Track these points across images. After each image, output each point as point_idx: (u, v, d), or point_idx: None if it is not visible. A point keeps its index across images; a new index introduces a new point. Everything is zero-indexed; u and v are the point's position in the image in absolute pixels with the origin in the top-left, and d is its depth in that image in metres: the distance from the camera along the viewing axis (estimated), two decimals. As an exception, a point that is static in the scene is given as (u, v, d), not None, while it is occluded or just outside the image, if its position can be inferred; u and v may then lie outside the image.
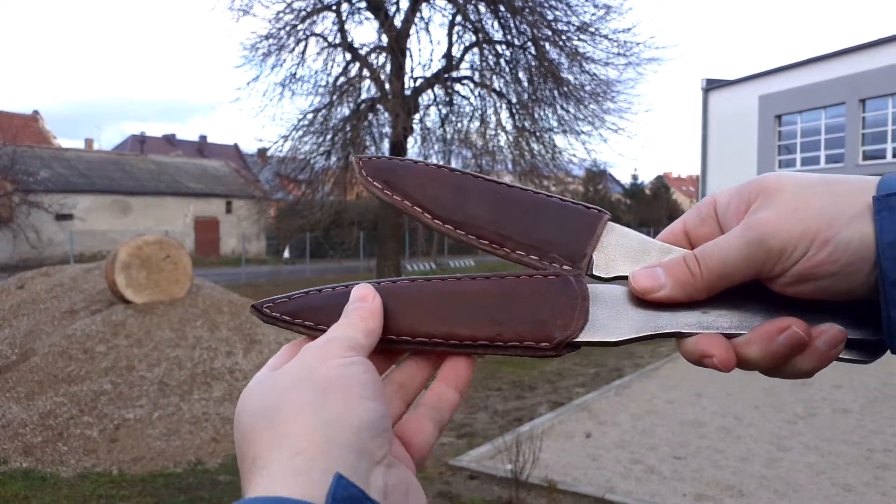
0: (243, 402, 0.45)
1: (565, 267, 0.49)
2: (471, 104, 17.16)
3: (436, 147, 17.03)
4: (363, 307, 0.48)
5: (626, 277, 0.48)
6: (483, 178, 0.52)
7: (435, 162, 0.53)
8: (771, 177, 0.47)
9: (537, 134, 16.62)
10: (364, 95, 16.77)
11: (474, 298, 0.48)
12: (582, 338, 0.47)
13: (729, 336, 0.47)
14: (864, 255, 0.43)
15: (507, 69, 16.50)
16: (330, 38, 16.47)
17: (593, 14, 15.38)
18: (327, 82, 16.48)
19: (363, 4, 16.34)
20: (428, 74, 16.77)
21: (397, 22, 16.15)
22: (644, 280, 0.47)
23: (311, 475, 0.37)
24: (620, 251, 0.49)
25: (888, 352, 0.48)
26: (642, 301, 0.47)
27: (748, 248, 0.45)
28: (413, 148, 17.29)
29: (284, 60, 16.28)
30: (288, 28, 15.80)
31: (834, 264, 0.43)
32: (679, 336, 0.48)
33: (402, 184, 0.52)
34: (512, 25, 15.82)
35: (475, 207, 0.51)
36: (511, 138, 16.79)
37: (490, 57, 16.62)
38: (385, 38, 16.14)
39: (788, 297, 0.46)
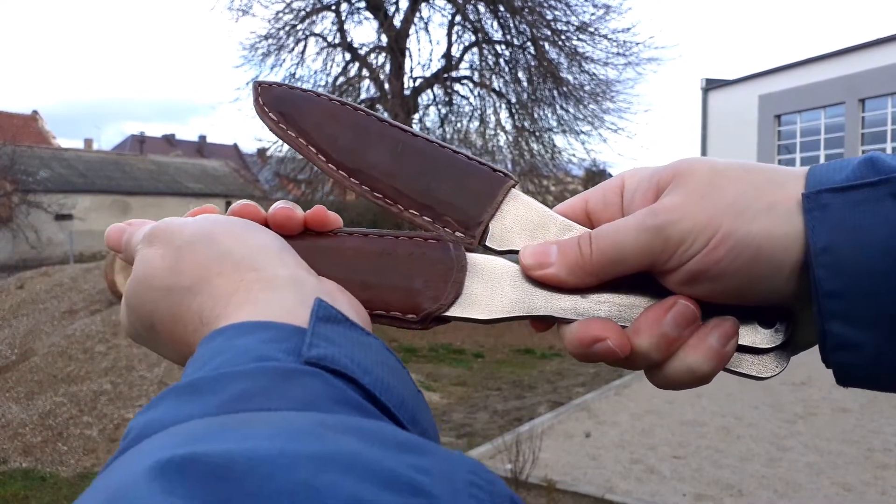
0: (192, 243, 0.41)
1: (458, 234, 0.45)
2: (470, 104, 17.17)
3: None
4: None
5: (518, 252, 0.45)
6: (389, 122, 0.48)
7: (342, 98, 0.48)
8: (686, 161, 0.43)
9: (537, 134, 16.62)
10: (363, 95, 16.77)
11: (349, 257, 0.44)
12: (451, 312, 0.44)
13: None
14: (777, 257, 0.38)
15: (507, 69, 16.50)
16: (329, 38, 16.47)
17: (593, 14, 15.39)
18: (327, 82, 16.48)
19: (362, 4, 16.35)
20: (427, 74, 16.78)
21: (397, 22, 16.16)
22: (532, 256, 0.43)
23: (283, 294, 0.36)
24: (519, 223, 0.45)
25: (782, 368, 0.44)
26: (522, 279, 0.44)
27: (646, 234, 0.40)
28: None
29: (284, 60, 16.28)
30: (287, 28, 15.80)
31: (733, 262, 0.39)
32: (554, 321, 0.44)
33: (299, 118, 0.47)
34: (511, 25, 15.82)
35: (374, 155, 0.46)
36: (510, 138, 16.80)
37: (489, 57, 16.63)
38: (384, 38, 16.14)
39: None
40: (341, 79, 16.41)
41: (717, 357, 0.42)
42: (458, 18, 16.23)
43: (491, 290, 0.44)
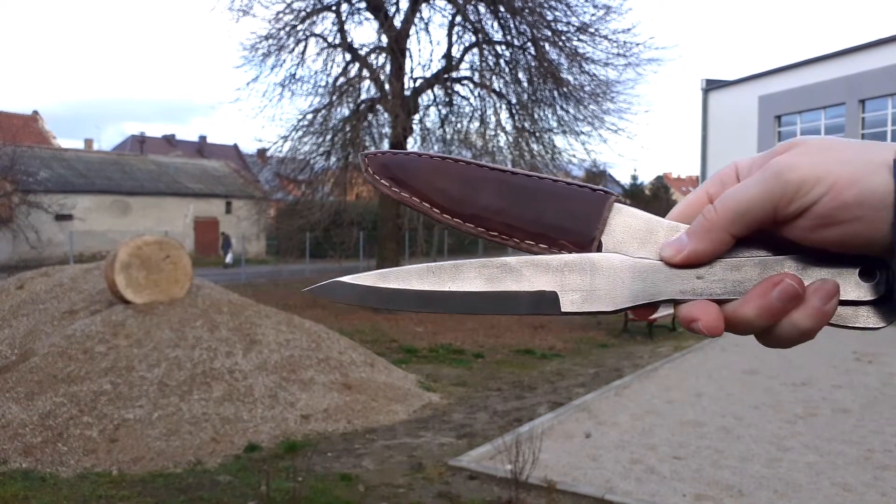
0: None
1: (575, 253, 0.49)
2: (470, 104, 17.18)
3: (435, 147, 17.03)
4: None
5: None
6: (489, 166, 0.52)
7: (439, 153, 0.53)
8: (795, 138, 0.47)
9: (537, 134, 16.63)
10: (364, 96, 16.79)
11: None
12: (579, 308, 0.48)
13: (723, 302, 0.47)
14: (886, 207, 0.42)
15: (507, 70, 16.51)
16: (330, 39, 16.48)
17: (593, 14, 15.41)
18: (327, 83, 16.50)
19: (363, 5, 16.36)
20: (428, 75, 16.78)
21: (397, 22, 16.16)
22: (670, 248, 0.48)
23: None
24: (628, 233, 0.49)
25: (889, 322, 0.47)
26: (640, 270, 0.48)
27: (765, 182, 0.44)
28: (413, 148, 17.29)
29: (284, 61, 16.31)
30: (288, 28, 15.82)
31: (861, 207, 0.42)
32: (674, 303, 0.48)
33: (409, 179, 0.52)
34: (512, 26, 15.83)
35: (483, 198, 0.51)
36: (511, 139, 16.81)
37: (490, 57, 16.64)
38: (385, 39, 16.15)
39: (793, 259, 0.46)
40: (341, 79, 16.41)
41: (821, 315, 0.46)
42: (458, 19, 16.24)
43: (613, 284, 0.48)
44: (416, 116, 16.58)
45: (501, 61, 16.51)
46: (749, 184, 0.45)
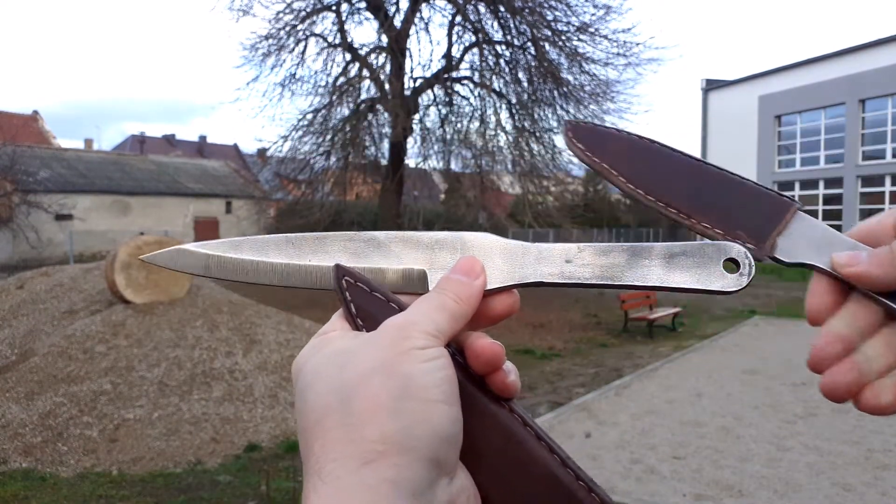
0: (314, 377, 0.42)
1: (748, 245, 0.50)
2: (470, 104, 17.18)
3: (435, 147, 17.05)
4: (462, 285, 0.46)
5: (807, 265, 0.50)
6: (682, 153, 0.54)
7: (639, 134, 0.56)
8: None
9: (537, 134, 16.62)
10: (364, 96, 16.78)
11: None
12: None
13: (592, 286, 0.50)
14: None
15: (507, 69, 16.51)
16: (330, 39, 16.48)
17: (593, 14, 15.39)
18: (327, 82, 16.49)
19: (363, 4, 16.35)
20: (428, 75, 16.78)
21: (397, 22, 16.16)
22: (846, 257, 0.48)
23: (379, 490, 0.37)
24: (805, 239, 0.51)
25: None
26: (510, 253, 0.49)
27: None
28: (413, 148, 17.30)
29: (284, 61, 16.29)
30: (288, 28, 15.81)
31: None
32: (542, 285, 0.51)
33: (603, 148, 0.54)
34: (512, 26, 15.82)
35: (674, 179, 0.53)
36: (511, 138, 16.80)
37: (490, 57, 16.63)
38: (385, 39, 16.14)
39: None
40: (341, 79, 16.41)
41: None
42: (458, 19, 16.24)
43: (483, 264, 0.49)
44: (416, 116, 16.57)
45: (501, 61, 16.51)
46: None
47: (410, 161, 18.32)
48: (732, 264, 0.48)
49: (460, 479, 0.42)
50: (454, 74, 16.89)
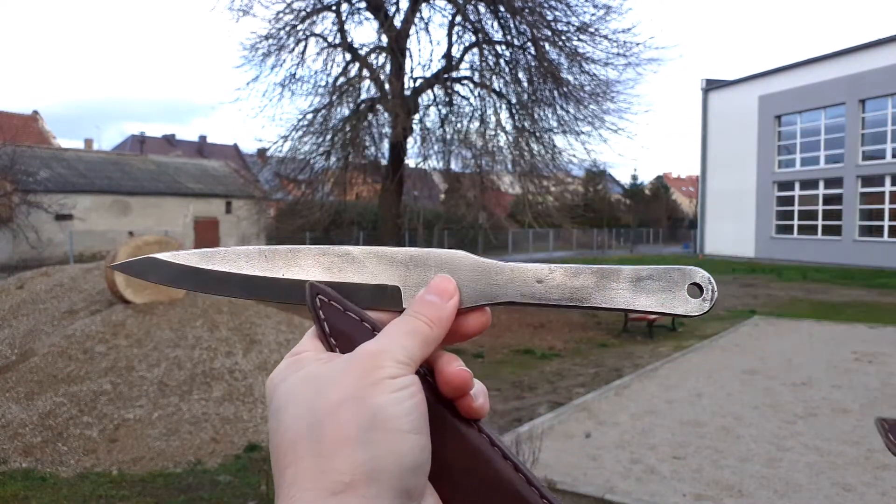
0: (287, 400, 0.42)
1: None
2: (470, 104, 17.16)
3: (435, 147, 17.03)
4: (435, 308, 0.46)
5: None
6: None
7: None
8: None
9: (537, 134, 16.61)
10: (364, 96, 16.77)
11: None
12: None
13: (563, 307, 0.50)
14: None
15: (507, 69, 16.49)
16: (330, 39, 16.46)
17: (593, 14, 15.37)
18: (327, 82, 16.47)
19: (363, 4, 16.35)
20: (428, 75, 16.77)
21: (397, 22, 16.15)
22: None
23: None
24: None
25: None
26: (484, 272, 0.50)
27: None
28: (413, 148, 17.29)
29: (284, 61, 16.27)
30: (288, 28, 15.79)
31: None
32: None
33: None
34: (512, 26, 15.81)
35: None
36: (511, 138, 16.79)
37: (490, 57, 16.62)
38: (385, 39, 16.14)
39: None
40: (341, 79, 16.40)
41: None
42: (458, 19, 16.23)
43: (458, 282, 0.49)
44: (416, 116, 16.56)
45: (501, 61, 16.50)
46: None
47: (410, 161, 18.30)
48: (696, 289, 0.48)
49: (428, 502, 0.43)
50: (454, 74, 16.88)
